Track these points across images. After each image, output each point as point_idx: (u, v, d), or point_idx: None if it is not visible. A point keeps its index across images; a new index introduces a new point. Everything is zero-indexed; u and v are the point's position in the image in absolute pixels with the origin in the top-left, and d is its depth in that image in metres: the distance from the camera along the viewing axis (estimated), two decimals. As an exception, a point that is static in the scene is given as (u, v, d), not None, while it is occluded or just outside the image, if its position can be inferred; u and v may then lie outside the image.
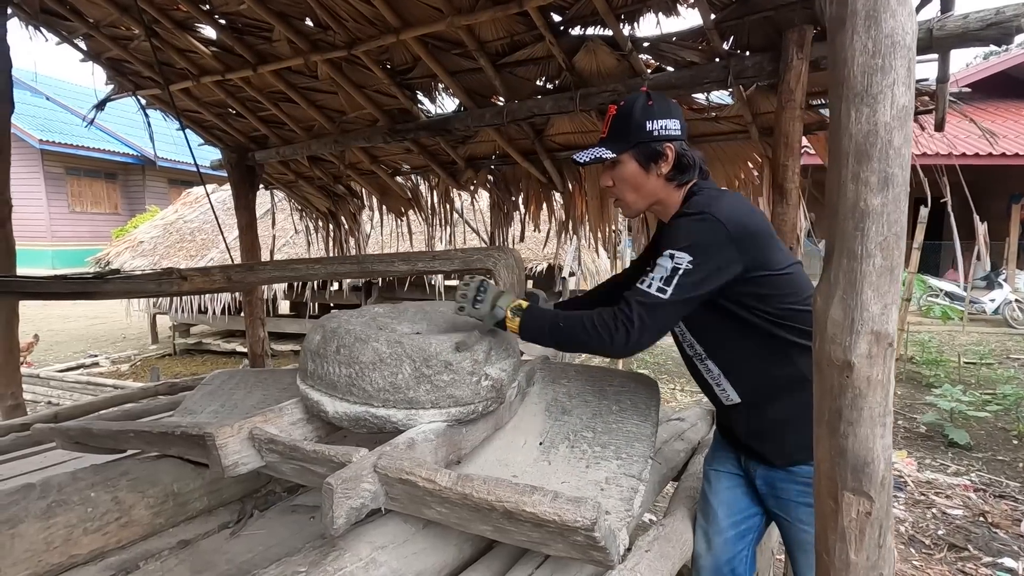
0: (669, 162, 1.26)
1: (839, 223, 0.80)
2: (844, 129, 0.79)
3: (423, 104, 3.01)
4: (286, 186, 4.20)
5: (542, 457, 1.60)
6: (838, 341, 0.79)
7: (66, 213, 16.45)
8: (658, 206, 1.34)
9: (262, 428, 1.28)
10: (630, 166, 1.29)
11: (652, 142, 1.26)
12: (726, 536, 1.48)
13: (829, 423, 0.81)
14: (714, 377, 1.36)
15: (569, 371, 1.82)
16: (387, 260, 1.98)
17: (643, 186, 1.30)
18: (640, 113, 1.25)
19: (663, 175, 1.28)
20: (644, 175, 1.28)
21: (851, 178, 0.78)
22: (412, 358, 1.28)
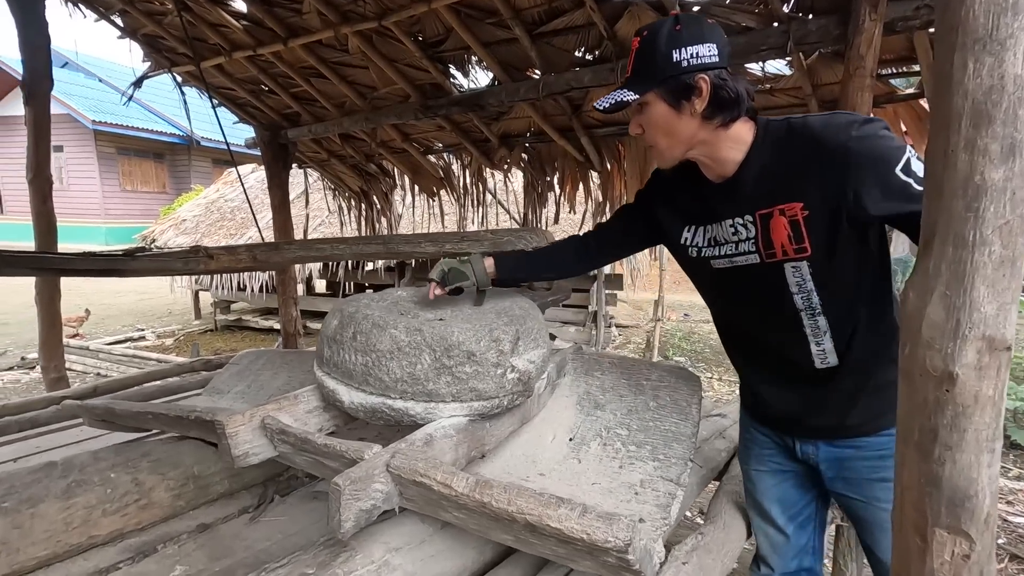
0: (704, 97, 1.03)
1: (943, 203, 0.65)
2: (957, 85, 0.63)
3: (455, 78, 2.89)
4: (319, 165, 4.16)
5: (572, 454, 1.50)
6: (937, 346, 0.65)
7: (118, 192, 17.09)
8: (704, 151, 1.11)
9: (275, 417, 1.22)
10: (658, 107, 1.07)
11: (681, 75, 1.03)
12: (788, 532, 1.36)
13: (920, 445, 0.67)
14: (818, 335, 1.14)
15: (603, 362, 1.70)
16: (413, 241, 1.89)
17: (676, 129, 1.08)
18: (666, 42, 1.03)
19: (699, 113, 1.04)
20: (675, 116, 1.06)
21: (964, 146, 0.63)
22: (432, 347, 1.18)
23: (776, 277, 1.11)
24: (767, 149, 1.07)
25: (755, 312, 1.22)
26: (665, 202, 1.28)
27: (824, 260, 1.06)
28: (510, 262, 1.45)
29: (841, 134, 0.99)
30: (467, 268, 1.39)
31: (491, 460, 1.47)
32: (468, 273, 1.39)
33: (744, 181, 1.10)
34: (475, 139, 3.30)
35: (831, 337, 1.14)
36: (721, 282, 1.23)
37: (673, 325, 9.14)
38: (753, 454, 1.39)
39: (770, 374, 1.28)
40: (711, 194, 1.17)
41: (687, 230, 1.23)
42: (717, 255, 1.18)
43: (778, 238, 1.07)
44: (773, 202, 1.06)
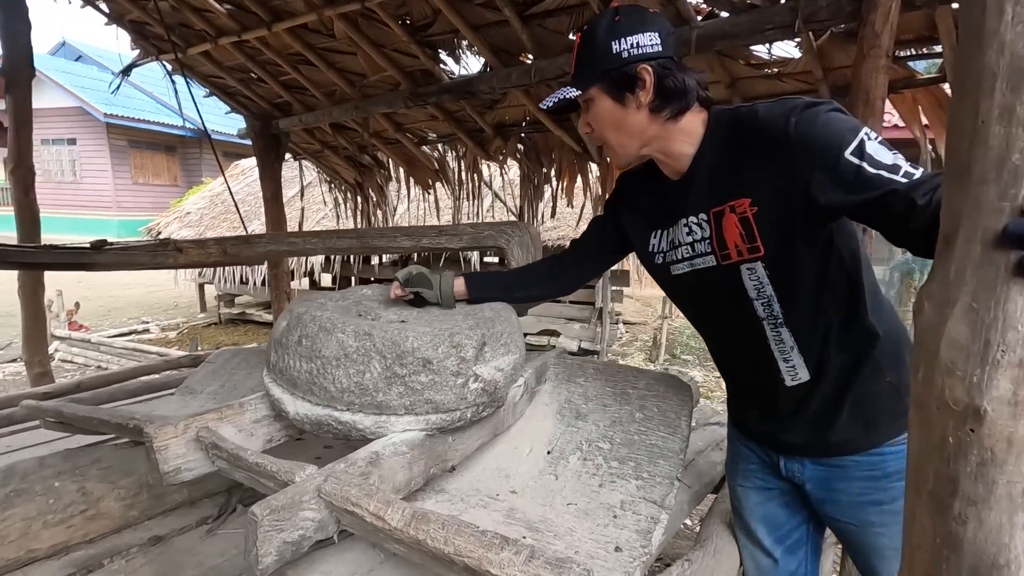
0: (648, 88, 0.97)
1: (970, 189, 0.51)
2: (991, 36, 0.49)
3: (446, 64, 2.75)
4: (313, 156, 4.06)
5: (549, 469, 1.37)
6: (959, 373, 0.51)
7: (130, 184, 17.20)
8: (657, 146, 1.03)
9: (212, 429, 1.10)
10: (603, 103, 1.01)
11: (622, 66, 0.97)
12: (776, 555, 1.23)
13: (935, 496, 0.54)
14: (785, 349, 1.04)
15: (587, 368, 1.56)
16: (389, 235, 1.77)
17: (624, 124, 1.01)
18: (605, 34, 0.98)
19: (645, 105, 0.98)
20: (621, 110, 1.00)
21: (998, 116, 0.49)
22: (383, 354, 1.06)
23: (734, 281, 1.02)
24: (718, 142, 1.00)
25: (719, 323, 1.14)
26: (630, 208, 1.21)
27: (780, 261, 0.97)
28: (481, 283, 1.38)
29: (781, 120, 0.90)
30: (434, 278, 1.32)
31: (461, 473, 1.34)
32: (434, 284, 1.31)
33: (697, 177, 1.02)
34: (469, 129, 3.17)
35: (798, 351, 1.04)
36: (683, 290, 1.14)
37: (682, 322, 8.95)
38: (739, 469, 1.27)
39: (745, 387, 1.19)
40: (669, 193, 1.09)
41: (654, 236, 1.15)
42: (676, 259, 1.10)
43: (731, 237, 0.98)
44: (724, 198, 0.98)
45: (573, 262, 1.34)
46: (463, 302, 1.38)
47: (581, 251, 1.34)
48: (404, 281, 1.31)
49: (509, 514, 1.20)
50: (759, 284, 1.00)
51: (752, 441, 1.22)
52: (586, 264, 1.35)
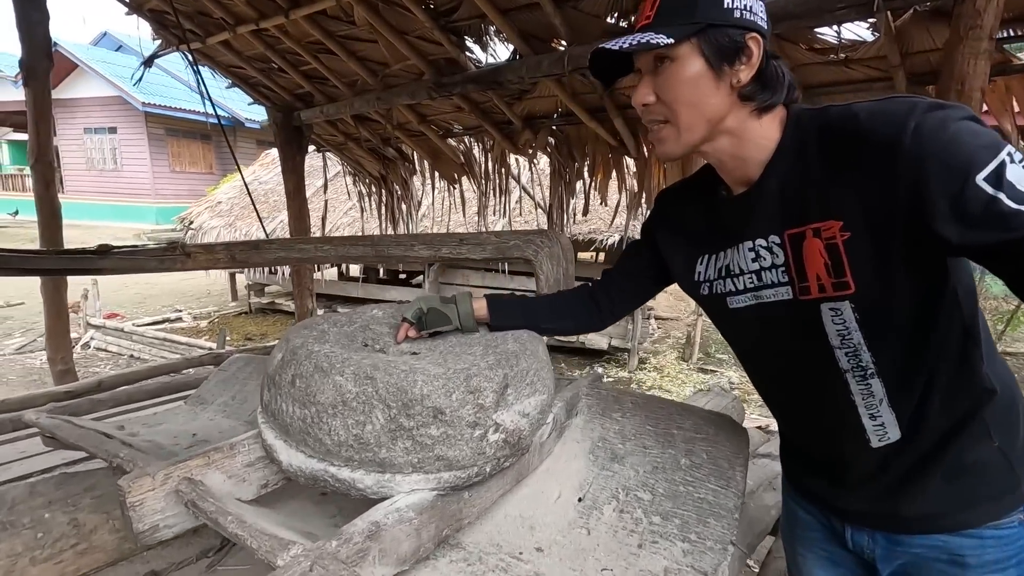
0: (752, 64, 0.77)
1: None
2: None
3: (472, 52, 2.56)
4: (336, 148, 3.93)
5: (580, 521, 1.19)
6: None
7: (167, 172, 17.58)
8: (728, 144, 0.83)
9: (195, 480, 0.96)
10: (691, 64, 0.78)
11: (731, 27, 0.76)
12: None
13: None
14: (872, 404, 0.84)
15: (624, 401, 1.38)
16: (405, 243, 1.61)
17: (706, 101, 0.79)
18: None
19: (739, 86, 0.78)
20: (711, 82, 0.78)
21: None
22: (386, 403, 0.90)
23: (811, 323, 0.82)
24: (797, 148, 0.80)
25: (786, 371, 0.93)
26: (670, 229, 1.02)
27: (874, 300, 0.76)
28: (505, 309, 1.20)
29: (894, 125, 0.69)
30: (450, 310, 1.15)
31: (480, 521, 1.18)
32: (451, 316, 1.14)
33: (768, 190, 0.82)
34: (497, 121, 2.98)
35: (890, 406, 0.83)
36: (742, 327, 0.94)
37: (717, 318, 8.63)
38: (797, 535, 1.08)
39: (812, 445, 0.99)
40: (727, 210, 0.90)
41: (700, 262, 0.96)
42: (734, 290, 0.90)
43: (813, 267, 0.78)
44: (805, 219, 0.78)
45: (606, 295, 1.16)
46: (483, 325, 1.21)
47: (615, 282, 1.15)
48: (416, 321, 1.14)
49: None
50: (844, 329, 0.79)
51: (813, 505, 1.02)
52: (621, 297, 1.16)
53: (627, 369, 6.25)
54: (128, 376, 3.04)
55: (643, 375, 6.10)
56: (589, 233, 5.82)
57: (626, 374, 6.13)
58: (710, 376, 6.11)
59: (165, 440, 1.66)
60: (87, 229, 15.91)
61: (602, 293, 1.16)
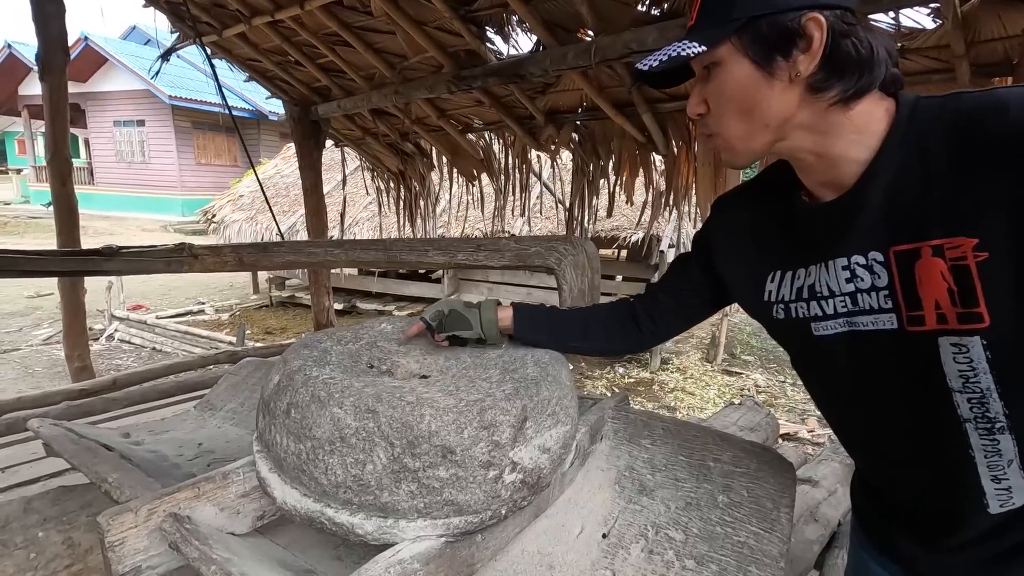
0: (815, 50, 0.64)
1: None
2: None
3: (493, 44, 2.45)
4: (354, 143, 3.85)
5: (604, 561, 1.08)
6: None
7: (193, 165, 17.83)
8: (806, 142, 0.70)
9: (184, 514, 0.88)
10: (736, 68, 0.68)
11: (776, 14, 0.65)
12: None
13: None
14: (997, 464, 0.69)
15: (655, 427, 1.26)
16: (419, 248, 1.51)
17: (761, 103, 0.68)
18: None
19: (802, 78, 0.66)
20: (762, 81, 0.67)
21: None
22: (389, 440, 0.79)
23: (924, 359, 0.67)
24: (912, 146, 0.65)
25: (883, 414, 0.77)
26: (732, 242, 0.88)
27: (1015, 339, 0.62)
28: (532, 322, 1.09)
29: None
30: (472, 315, 1.06)
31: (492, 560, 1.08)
32: (473, 322, 1.04)
33: (870, 198, 0.68)
34: (518, 116, 2.86)
35: (1022, 468, 0.68)
36: (826, 360, 0.79)
37: (743, 318, 8.39)
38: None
39: (905, 499, 0.83)
40: (811, 219, 0.76)
41: (771, 279, 0.81)
42: (820, 314, 0.75)
43: (931, 293, 0.64)
44: (922, 234, 0.64)
45: (648, 315, 1.03)
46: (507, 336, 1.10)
47: (660, 301, 1.02)
48: (435, 324, 1.04)
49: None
50: (970, 370, 0.65)
51: (897, 564, 0.87)
52: (665, 319, 1.03)
53: (649, 370, 6.10)
54: (143, 374, 3.02)
55: (665, 376, 5.94)
56: (612, 230, 5.67)
57: (648, 375, 5.98)
58: (735, 379, 5.92)
59: (170, 450, 1.59)
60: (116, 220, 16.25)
61: (644, 312, 1.03)
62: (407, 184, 3.80)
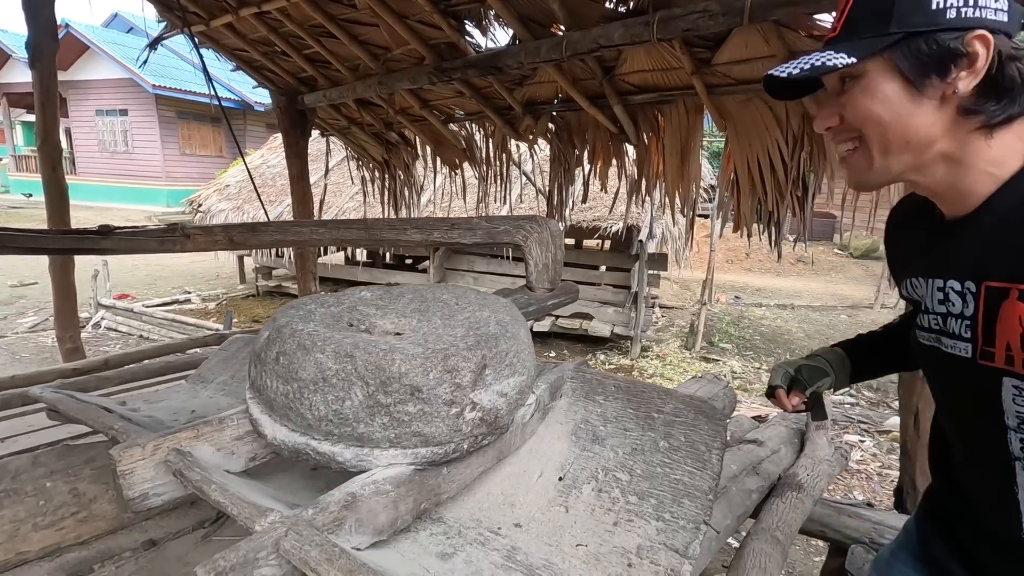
0: (977, 70, 0.63)
1: None
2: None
3: (472, 37, 2.56)
4: (339, 133, 3.95)
5: (559, 499, 1.23)
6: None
7: (177, 155, 17.68)
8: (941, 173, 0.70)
9: (184, 451, 1.00)
10: (884, 85, 0.67)
11: (940, 31, 0.63)
12: None
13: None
14: None
15: (607, 385, 1.40)
16: (398, 227, 1.63)
17: (906, 121, 0.67)
18: None
19: (956, 98, 0.65)
20: (911, 101, 0.66)
21: None
22: (365, 380, 0.93)
23: (988, 393, 0.70)
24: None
25: (955, 432, 0.83)
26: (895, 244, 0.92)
27: None
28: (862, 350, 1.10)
29: None
30: (821, 363, 1.09)
31: (463, 498, 1.22)
32: (825, 368, 1.08)
33: (980, 226, 0.69)
34: (498, 107, 2.98)
35: None
36: (924, 365, 0.84)
37: (721, 308, 8.60)
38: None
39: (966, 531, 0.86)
40: (934, 234, 0.78)
41: (907, 283, 0.85)
42: (921, 325, 0.80)
43: (1006, 333, 0.65)
44: (1017, 276, 0.64)
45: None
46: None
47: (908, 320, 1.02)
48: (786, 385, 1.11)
49: (509, 555, 1.07)
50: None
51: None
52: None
53: (629, 357, 6.27)
54: (134, 355, 3.11)
55: (645, 363, 6.12)
56: (594, 221, 5.82)
57: (628, 362, 6.15)
58: (712, 365, 6.11)
59: (165, 416, 1.71)
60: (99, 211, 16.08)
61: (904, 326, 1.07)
62: (392, 173, 3.91)
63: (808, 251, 12.63)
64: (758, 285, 10.68)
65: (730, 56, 2.10)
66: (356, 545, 0.88)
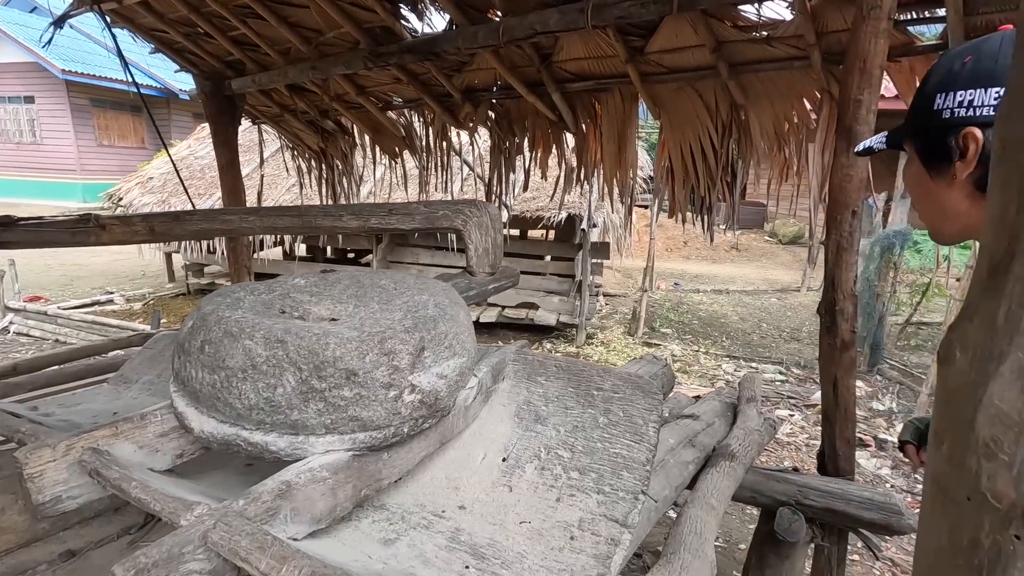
0: (969, 160, 0.75)
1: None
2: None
3: (408, 21, 2.51)
4: (272, 120, 3.79)
5: (503, 480, 1.24)
6: (1004, 457, 0.37)
7: (94, 146, 16.42)
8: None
9: (101, 450, 0.94)
10: (913, 164, 0.84)
11: (940, 128, 0.77)
12: None
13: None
14: None
15: (549, 366, 1.42)
16: (334, 214, 1.59)
17: (935, 198, 0.81)
18: (936, 82, 0.78)
19: (958, 180, 0.77)
20: (930, 180, 0.81)
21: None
22: (297, 365, 0.90)
23: None
24: None
25: None
26: None
27: None
28: None
29: None
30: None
31: (406, 483, 1.21)
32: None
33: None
34: (437, 94, 2.94)
35: None
36: None
37: (662, 295, 8.89)
38: None
39: None
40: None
41: None
42: None
43: None
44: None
45: None
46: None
47: None
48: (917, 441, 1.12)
49: (454, 536, 1.07)
50: None
51: None
52: None
53: (575, 344, 6.38)
54: (48, 359, 2.88)
55: (590, 349, 6.25)
56: (537, 211, 5.86)
57: (574, 349, 6.26)
58: (654, 349, 6.31)
59: (83, 419, 1.59)
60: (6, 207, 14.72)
61: None
62: (329, 163, 3.79)
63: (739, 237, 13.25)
64: (696, 272, 11.11)
65: (662, 45, 2.16)
66: (293, 535, 0.86)
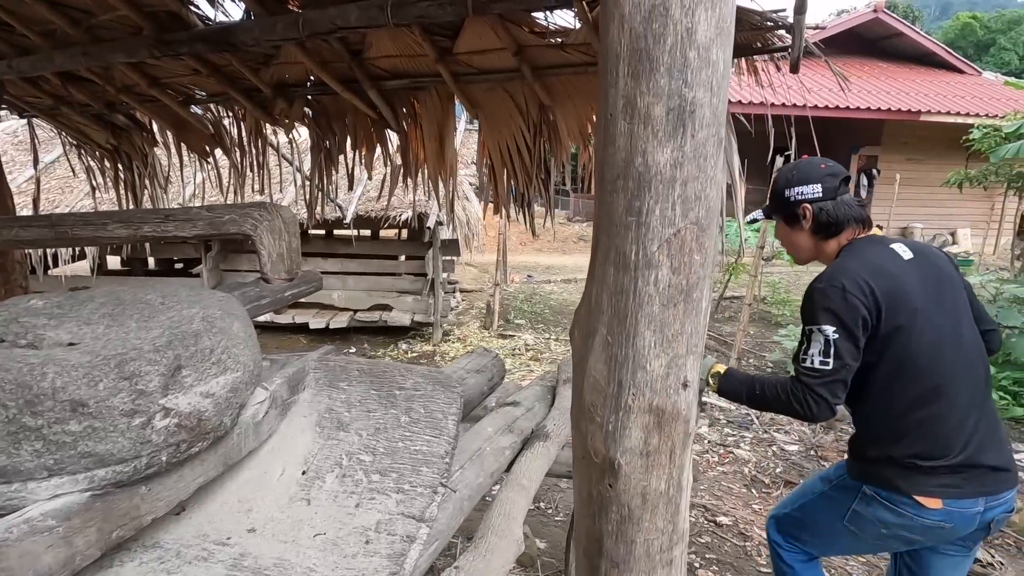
0: (807, 220, 1.46)
1: (604, 197, 0.42)
2: (612, 8, 0.39)
3: (198, 7, 2.29)
4: (45, 113, 3.23)
5: (301, 494, 1.19)
6: (598, 419, 0.43)
7: None
8: (820, 258, 1.52)
9: None
10: (781, 225, 1.55)
11: (791, 206, 1.47)
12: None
13: (588, 554, 0.46)
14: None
15: (351, 370, 1.40)
16: (96, 223, 1.39)
17: (795, 241, 1.53)
18: (783, 182, 1.49)
19: (806, 230, 1.48)
20: (791, 232, 1.52)
21: (623, 108, 0.39)
22: (2, 403, 0.77)
23: None
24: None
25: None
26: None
27: None
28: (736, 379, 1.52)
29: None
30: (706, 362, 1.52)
31: (190, 515, 1.11)
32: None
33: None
34: (244, 88, 2.72)
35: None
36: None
37: (516, 287, 9.23)
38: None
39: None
40: None
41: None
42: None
43: None
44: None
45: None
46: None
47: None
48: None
49: (236, 564, 1.00)
50: None
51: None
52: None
53: (432, 342, 6.37)
54: None
55: (447, 347, 6.27)
56: (382, 210, 5.73)
57: (431, 347, 6.25)
58: (509, 340, 6.52)
59: None
60: None
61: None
62: (124, 162, 3.33)
63: (586, 229, 14.20)
64: (547, 263, 11.69)
65: (468, 46, 2.22)
66: (7, 601, 0.74)
